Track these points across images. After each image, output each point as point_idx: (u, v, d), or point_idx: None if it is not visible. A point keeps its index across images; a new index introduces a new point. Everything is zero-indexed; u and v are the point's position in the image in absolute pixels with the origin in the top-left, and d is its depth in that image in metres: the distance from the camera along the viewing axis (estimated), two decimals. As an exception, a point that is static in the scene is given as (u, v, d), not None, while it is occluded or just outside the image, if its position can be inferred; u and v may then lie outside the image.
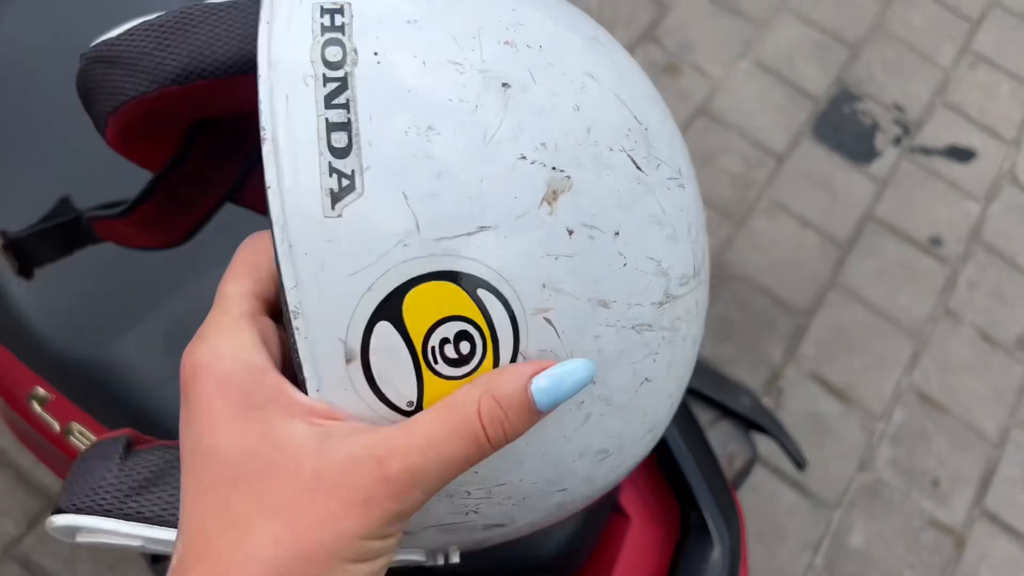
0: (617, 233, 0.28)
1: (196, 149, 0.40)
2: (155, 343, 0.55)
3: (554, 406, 0.27)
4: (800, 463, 0.81)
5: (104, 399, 0.56)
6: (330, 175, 0.24)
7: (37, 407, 0.59)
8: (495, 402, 0.26)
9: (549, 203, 0.26)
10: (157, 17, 0.33)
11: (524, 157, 0.26)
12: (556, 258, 0.26)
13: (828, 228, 1.51)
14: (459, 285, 0.25)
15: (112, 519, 0.30)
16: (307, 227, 0.24)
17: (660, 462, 0.58)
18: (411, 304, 0.25)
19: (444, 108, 0.25)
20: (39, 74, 0.62)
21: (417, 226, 0.25)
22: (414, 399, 0.26)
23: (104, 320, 0.56)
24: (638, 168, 0.29)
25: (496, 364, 0.27)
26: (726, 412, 0.81)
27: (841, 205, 1.53)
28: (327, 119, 0.24)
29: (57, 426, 0.59)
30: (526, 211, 0.26)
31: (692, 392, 0.81)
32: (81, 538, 0.32)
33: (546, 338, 0.27)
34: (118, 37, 0.34)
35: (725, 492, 0.58)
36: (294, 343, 0.25)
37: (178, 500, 0.30)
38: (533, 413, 0.26)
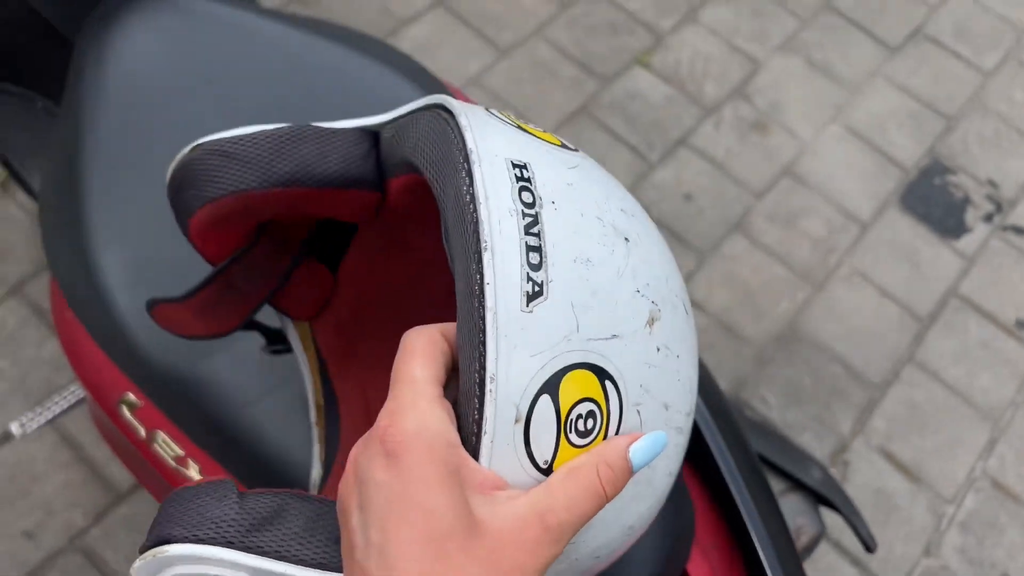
0: (679, 356, 0.37)
1: (258, 247, 0.45)
2: (247, 363, 0.57)
3: (644, 466, 0.35)
4: (870, 545, 0.78)
5: (192, 412, 0.58)
6: (527, 282, 0.32)
7: (126, 412, 0.61)
8: (608, 467, 0.33)
9: (649, 326, 0.35)
10: (275, 128, 0.40)
11: (638, 291, 0.35)
12: (649, 367, 0.35)
13: (909, 301, 1.47)
14: (596, 375, 0.33)
15: (234, 551, 0.34)
16: (509, 317, 0.32)
17: (731, 530, 0.57)
18: (565, 384, 0.33)
19: (595, 248, 0.34)
20: (162, 100, 0.65)
21: (577, 327, 0.33)
22: (549, 460, 0.33)
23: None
24: (686, 312, 0.38)
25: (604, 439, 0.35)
26: (796, 484, 0.79)
27: (924, 279, 1.50)
28: (527, 243, 0.33)
29: (143, 432, 0.61)
30: (637, 329, 0.35)
31: (763, 461, 0.80)
32: (179, 571, 0.34)
33: (635, 426, 0.35)
34: (238, 137, 0.41)
35: (796, 566, 0.57)
36: (479, 405, 0.32)
37: (292, 538, 0.35)
38: (629, 473, 0.34)
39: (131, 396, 0.61)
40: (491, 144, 0.35)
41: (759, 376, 1.37)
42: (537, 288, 0.32)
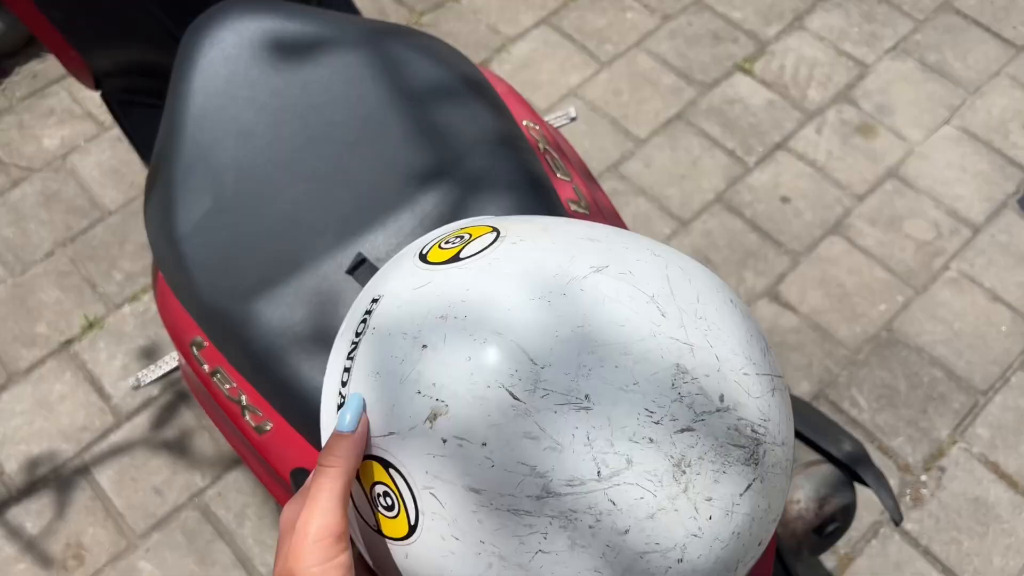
0: (484, 443, 0.38)
1: None
2: (291, 306, 0.66)
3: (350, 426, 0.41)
4: (896, 519, 0.77)
5: (239, 349, 0.68)
6: (339, 396, 0.44)
7: (195, 352, 0.72)
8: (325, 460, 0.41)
9: (430, 422, 0.38)
10: None
11: (419, 392, 0.39)
12: (434, 456, 0.38)
13: (1023, 306, 1.40)
14: (379, 463, 0.40)
15: None
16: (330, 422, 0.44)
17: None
18: (363, 471, 0.41)
19: (386, 360, 0.41)
20: (237, 93, 0.77)
21: (370, 427, 0.41)
22: (375, 524, 0.42)
23: (251, 279, 0.68)
24: (514, 398, 0.38)
25: (408, 516, 0.40)
26: (828, 457, 0.80)
27: (1042, 283, 1.42)
28: (344, 366, 0.44)
29: (207, 368, 0.71)
30: (415, 426, 0.39)
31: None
32: None
33: (435, 506, 0.39)
34: None
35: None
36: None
37: None
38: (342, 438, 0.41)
39: (199, 338, 0.72)
40: (371, 289, 0.45)
41: (851, 378, 1.35)
42: (341, 401, 0.42)
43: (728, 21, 1.72)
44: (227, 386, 0.70)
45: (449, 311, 0.40)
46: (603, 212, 0.75)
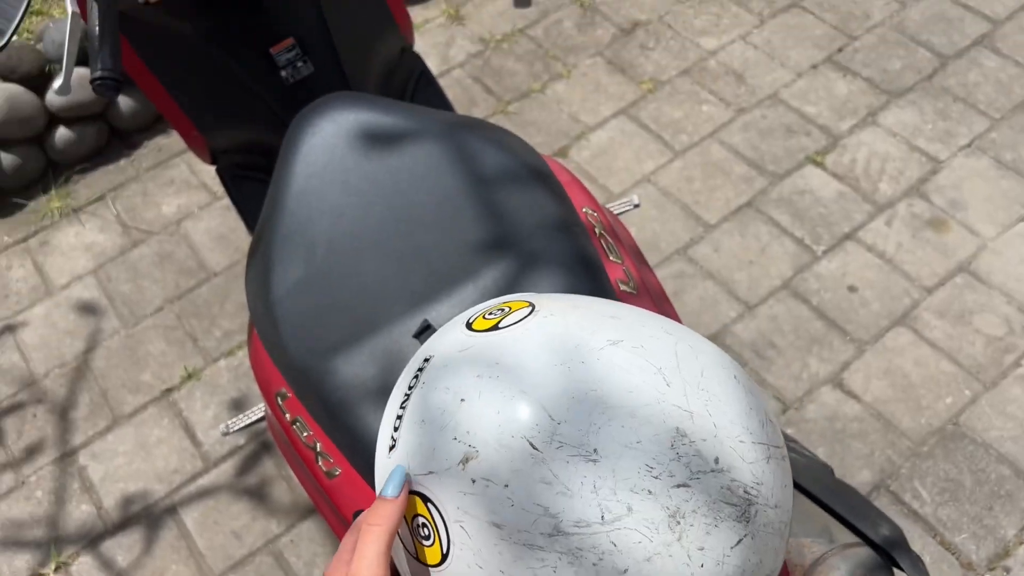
0: (506, 485, 0.44)
1: None
2: (364, 364, 0.75)
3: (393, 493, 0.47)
4: (931, 605, 0.79)
5: (318, 400, 0.76)
6: (391, 439, 0.50)
7: (280, 402, 0.81)
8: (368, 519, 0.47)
9: (463, 464, 0.45)
10: None
11: (455, 439, 0.46)
12: (464, 494, 0.45)
13: (1097, 407, 1.38)
14: (420, 498, 0.47)
15: None
16: (383, 461, 0.51)
17: None
18: (409, 505, 0.47)
19: (431, 411, 0.48)
20: (332, 176, 0.87)
21: (409, 467, 0.48)
22: (414, 551, 0.48)
23: (333, 339, 0.76)
24: (533, 448, 0.44)
25: (441, 545, 0.46)
26: (868, 540, 0.83)
27: (1118, 385, 1.39)
28: (397, 414, 0.51)
29: (289, 416, 0.80)
30: (450, 467, 0.46)
31: (829, 511, 0.84)
32: None
33: (464, 538, 0.45)
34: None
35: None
36: None
37: None
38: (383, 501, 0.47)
39: (283, 390, 0.81)
40: (425, 350, 0.52)
41: (913, 470, 1.35)
42: (392, 443, 0.49)
43: (802, 115, 1.78)
44: (305, 434, 0.79)
45: (485, 371, 0.47)
46: (651, 292, 0.81)
